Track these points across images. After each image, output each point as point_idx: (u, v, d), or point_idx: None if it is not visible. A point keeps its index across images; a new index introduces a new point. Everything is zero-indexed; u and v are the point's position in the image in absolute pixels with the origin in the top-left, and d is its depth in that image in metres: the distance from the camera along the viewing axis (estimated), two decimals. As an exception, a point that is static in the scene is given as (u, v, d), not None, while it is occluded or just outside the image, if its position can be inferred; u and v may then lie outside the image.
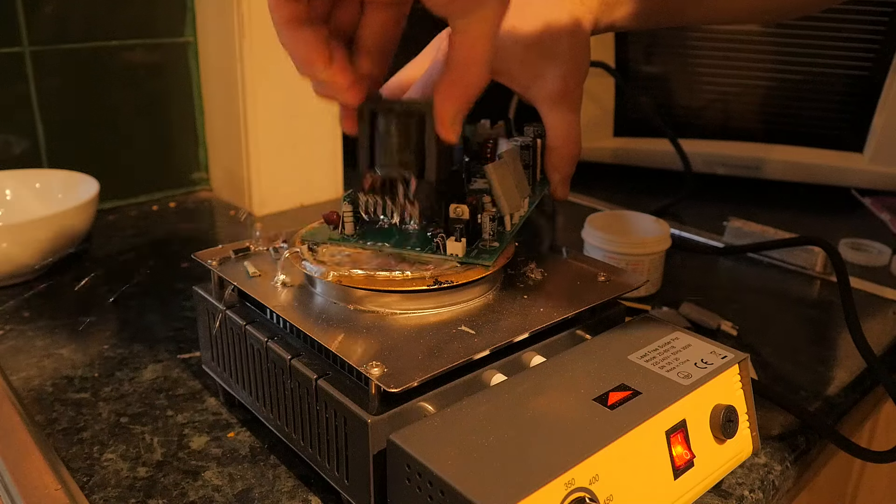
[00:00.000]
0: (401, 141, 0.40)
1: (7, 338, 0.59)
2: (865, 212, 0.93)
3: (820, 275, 0.73)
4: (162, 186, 0.94)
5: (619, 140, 1.06)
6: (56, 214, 0.65)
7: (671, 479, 0.37)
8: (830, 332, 0.63)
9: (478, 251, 0.43)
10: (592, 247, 0.67)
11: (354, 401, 0.36)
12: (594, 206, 0.93)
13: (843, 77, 0.94)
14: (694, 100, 1.04)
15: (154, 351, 0.57)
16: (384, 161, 0.41)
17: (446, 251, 0.42)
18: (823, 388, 0.54)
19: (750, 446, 0.42)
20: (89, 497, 0.41)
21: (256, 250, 0.49)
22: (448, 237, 0.42)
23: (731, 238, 0.79)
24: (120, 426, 0.48)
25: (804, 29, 0.95)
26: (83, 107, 0.85)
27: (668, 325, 0.45)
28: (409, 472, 0.33)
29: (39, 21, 0.79)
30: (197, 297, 0.49)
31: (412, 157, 0.40)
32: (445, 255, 0.42)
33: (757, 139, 1.00)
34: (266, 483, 0.43)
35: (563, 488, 0.32)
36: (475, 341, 0.39)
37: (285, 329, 0.43)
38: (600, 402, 0.37)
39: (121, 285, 0.68)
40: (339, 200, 0.95)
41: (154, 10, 0.87)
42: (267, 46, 0.82)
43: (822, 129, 0.97)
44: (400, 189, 0.41)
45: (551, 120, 0.48)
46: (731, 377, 0.41)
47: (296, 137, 0.88)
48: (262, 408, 0.45)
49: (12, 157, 0.81)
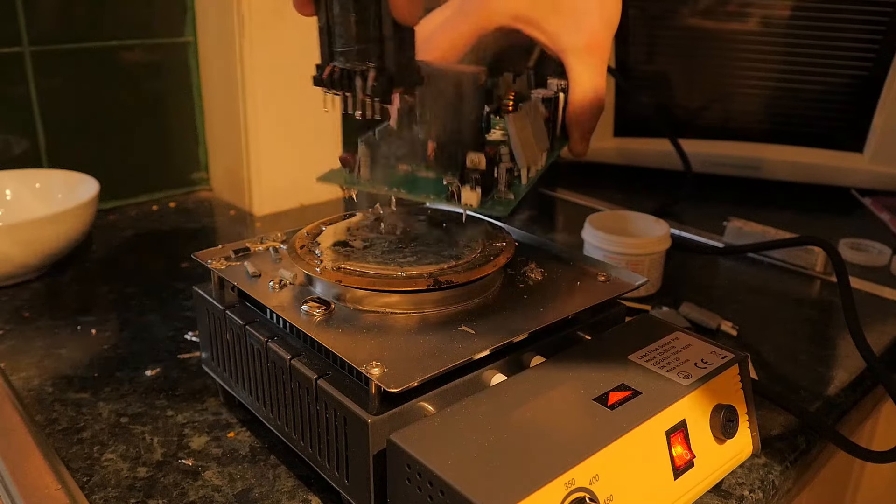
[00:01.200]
0: (358, 26, 0.37)
1: (7, 338, 0.59)
2: (865, 212, 0.93)
3: (820, 275, 0.73)
4: (162, 186, 0.94)
5: (619, 140, 1.06)
6: (56, 214, 0.65)
7: (671, 479, 0.37)
8: (830, 332, 0.63)
9: (492, 202, 0.42)
10: (592, 247, 0.67)
11: (354, 401, 0.36)
12: (594, 206, 0.93)
13: (843, 77, 0.94)
14: (694, 100, 1.04)
15: (154, 351, 0.57)
16: (341, 48, 0.38)
17: (461, 200, 0.41)
18: (823, 388, 0.54)
19: (750, 446, 0.42)
20: (89, 497, 0.41)
21: (256, 250, 0.49)
22: (463, 186, 0.41)
23: (731, 238, 0.79)
24: (120, 426, 0.48)
25: (804, 29, 0.95)
26: (83, 107, 0.85)
27: (668, 325, 0.45)
28: (409, 472, 0.33)
29: (39, 21, 0.79)
30: (197, 297, 0.49)
31: (371, 45, 0.38)
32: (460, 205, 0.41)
33: (757, 139, 1.00)
34: (266, 483, 0.43)
35: (563, 488, 0.32)
36: (475, 341, 0.39)
37: (285, 329, 0.43)
38: (600, 402, 0.37)
39: (121, 285, 0.68)
40: (339, 200, 0.96)
41: (154, 10, 0.87)
42: (267, 46, 0.82)
43: (822, 129, 0.97)
44: (358, 82, 0.39)
45: (578, 73, 0.46)
46: (731, 377, 0.41)
47: (296, 137, 0.88)
48: (262, 408, 0.45)
49: (12, 157, 0.81)
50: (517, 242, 0.49)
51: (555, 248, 0.51)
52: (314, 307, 0.41)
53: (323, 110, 0.41)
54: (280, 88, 0.85)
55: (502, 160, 0.42)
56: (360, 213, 0.51)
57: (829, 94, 0.96)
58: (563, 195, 1.00)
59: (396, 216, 0.51)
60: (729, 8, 0.97)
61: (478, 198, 0.41)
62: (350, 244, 0.46)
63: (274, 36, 0.83)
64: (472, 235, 0.48)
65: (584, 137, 0.47)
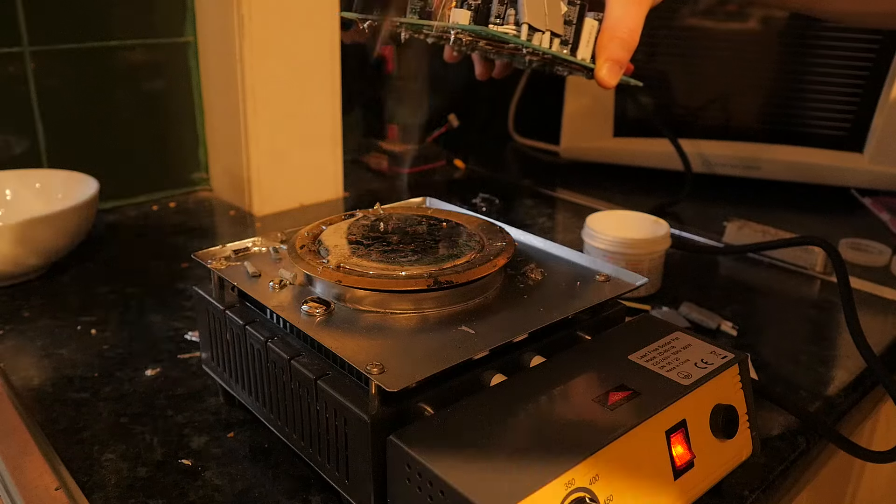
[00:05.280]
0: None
1: (7, 338, 0.59)
2: (865, 212, 0.93)
3: (820, 275, 0.73)
4: (162, 186, 0.94)
5: (619, 140, 1.06)
6: (56, 214, 0.65)
7: (671, 479, 0.37)
8: (830, 332, 0.63)
9: (485, 29, 0.41)
10: (592, 247, 0.67)
11: (354, 401, 0.36)
12: (594, 206, 0.93)
13: (843, 77, 0.94)
14: (694, 100, 1.04)
15: (154, 351, 0.57)
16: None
17: (450, 19, 0.41)
18: (823, 388, 0.54)
19: (750, 446, 0.42)
20: (89, 497, 0.41)
21: (256, 250, 0.49)
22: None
23: (731, 238, 0.79)
24: (120, 426, 0.48)
25: (804, 29, 0.95)
26: (83, 107, 0.85)
27: (668, 325, 0.45)
28: (409, 472, 0.33)
29: (39, 21, 0.79)
30: (197, 297, 0.49)
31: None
32: (448, 23, 0.41)
33: (757, 139, 1.00)
34: (266, 483, 0.43)
35: (563, 488, 0.32)
36: (475, 341, 0.39)
37: (285, 329, 0.43)
38: (600, 402, 0.37)
39: (121, 285, 0.68)
40: (339, 200, 0.96)
41: (154, 10, 0.87)
42: (267, 46, 0.82)
43: (822, 129, 0.97)
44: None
45: (612, 4, 0.45)
46: (731, 377, 0.41)
47: (296, 137, 0.88)
48: (262, 408, 0.45)
49: (12, 157, 0.81)
50: (517, 242, 0.49)
51: (555, 248, 0.51)
52: (314, 307, 0.41)
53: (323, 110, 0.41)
54: (280, 88, 0.85)
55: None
56: (360, 213, 0.52)
57: (829, 95, 0.96)
58: (563, 195, 1.00)
59: (396, 216, 0.51)
60: (729, 8, 0.97)
61: (469, 18, 0.40)
62: (362, 242, 0.46)
63: (274, 36, 0.83)
64: (472, 235, 0.48)
65: (610, 67, 0.46)
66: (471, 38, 0.42)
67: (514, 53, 0.46)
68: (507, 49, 0.44)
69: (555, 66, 0.48)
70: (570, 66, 0.45)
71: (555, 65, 0.47)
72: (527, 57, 0.45)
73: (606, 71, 0.45)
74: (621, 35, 0.45)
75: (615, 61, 0.46)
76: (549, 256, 0.50)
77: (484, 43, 0.44)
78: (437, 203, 0.58)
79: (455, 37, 0.41)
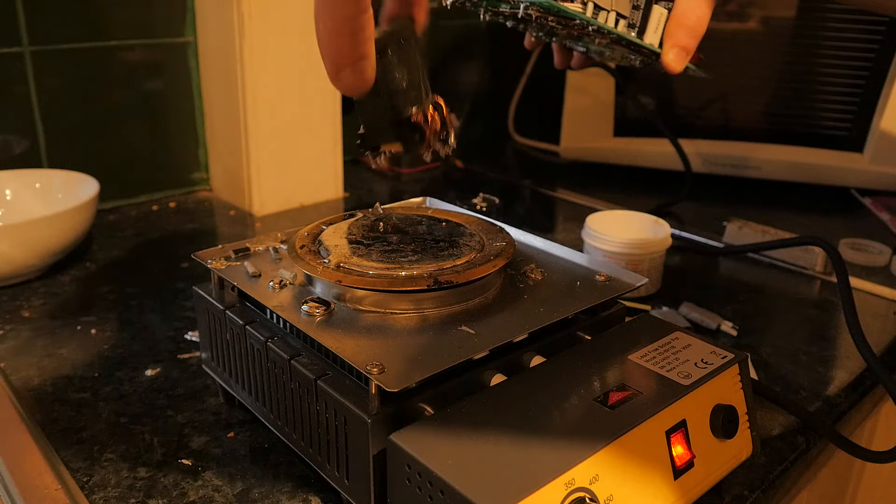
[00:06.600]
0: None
1: (7, 338, 0.59)
2: (865, 212, 0.93)
3: (820, 275, 0.73)
4: (162, 186, 0.94)
5: (619, 140, 1.06)
6: (56, 214, 0.65)
7: (671, 479, 0.37)
8: (830, 332, 0.63)
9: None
10: (592, 247, 0.67)
11: (354, 401, 0.36)
12: (594, 206, 0.93)
13: (843, 77, 0.94)
14: (694, 100, 1.04)
15: (154, 351, 0.57)
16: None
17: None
18: (823, 388, 0.54)
19: (750, 446, 0.42)
20: (89, 497, 0.41)
21: (256, 250, 0.49)
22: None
23: (731, 238, 0.79)
24: (120, 426, 0.48)
25: (804, 29, 0.95)
26: (83, 107, 0.85)
27: (668, 325, 0.45)
28: (409, 472, 0.33)
29: (39, 21, 0.79)
30: (197, 297, 0.49)
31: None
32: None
33: (757, 139, 1.00)
34: (266, 483, 0.43)
35: (563, 488, 0.32)
36: (475, 341, 0.39)
37: (285, 329, 0.43)
38: (600, 402, 0.37)
39: (121, 285, 0.68)
40: (339, 200, 0.96)
41: (154, 10, 0.87)
42: (267, 46, 0.82)
43: (823, 129, 0.97)
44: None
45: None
46: (731, 377, 0.41)
47: (296, 137, 0.88)
48: (262, 408, 0.45)
49: (12, 157, 0.81)
50: (517, 242, 0.49)
51: (555, 248, 0.51)
52: (314, 307, 0.41)
53: (323, 111, 0.41)
54: (280, 88, 0.85)
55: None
56: (361, 213, 0.52)
57: (829, 95, 0.96)
58: (562, 195, 1.00)
59: (396, 216, 0.51)
60: (729, 8, 0.97)
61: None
62: (362, 242, 0.46)
63: (274, 36, 0.83)
64: (472, 235, 0.48)
65: (677, 52, 0.47)
66: (539, 14, 0.43)
67: (581, 34, 0.46)
68: (576, 29, 0.45)
69: (624, 54, 0.49)
70: (639, 51, 0.46)
71: (624, 52, 0.48)
72: (596, 40, 0.46)
73: (673, 56, 0.47)
74: (689, 23, 0.46)
75: (682, 48, 0.47)
76: (549, 256, 0.50)
77: (553, 20, 0.44)
78: (437, 203, 0.58)
79: (524, 12, 0.42)
